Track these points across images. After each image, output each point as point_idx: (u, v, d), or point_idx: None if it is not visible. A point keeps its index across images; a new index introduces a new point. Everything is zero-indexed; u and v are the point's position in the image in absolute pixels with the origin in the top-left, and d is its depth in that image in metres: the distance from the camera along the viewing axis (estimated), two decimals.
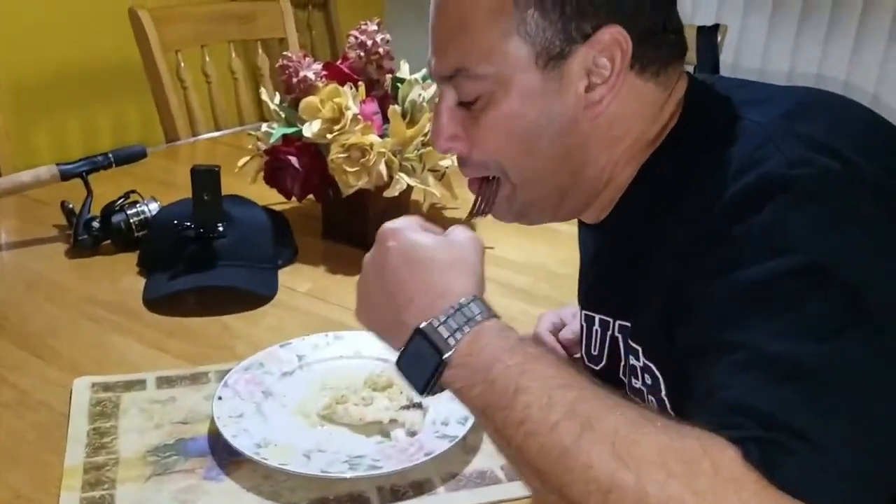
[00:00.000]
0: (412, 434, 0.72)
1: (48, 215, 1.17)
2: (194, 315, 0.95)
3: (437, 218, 1.30)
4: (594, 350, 0.71)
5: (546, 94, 0.60)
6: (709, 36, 1.97)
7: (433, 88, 1.12)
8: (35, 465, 0.69)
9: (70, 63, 2.12)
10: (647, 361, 0.62)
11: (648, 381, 0.62)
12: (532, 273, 1.12)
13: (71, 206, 1.12)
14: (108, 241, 1.11)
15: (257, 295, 0.98)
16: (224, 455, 0.69)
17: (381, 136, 1.07)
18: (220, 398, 0.74)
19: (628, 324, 0.65)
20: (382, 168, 1.04)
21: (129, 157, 1.19)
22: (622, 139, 0.63)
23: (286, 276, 1.06)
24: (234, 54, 1.88)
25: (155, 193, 1.15)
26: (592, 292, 0.73)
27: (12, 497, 0.65)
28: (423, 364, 0.53)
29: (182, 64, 1.76)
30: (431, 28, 0.63)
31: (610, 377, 0.67)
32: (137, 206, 1.11)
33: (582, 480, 0.45)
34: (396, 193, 1.05)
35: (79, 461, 0.68)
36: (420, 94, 1.10)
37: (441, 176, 1.12)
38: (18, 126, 1.47)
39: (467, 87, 0.61)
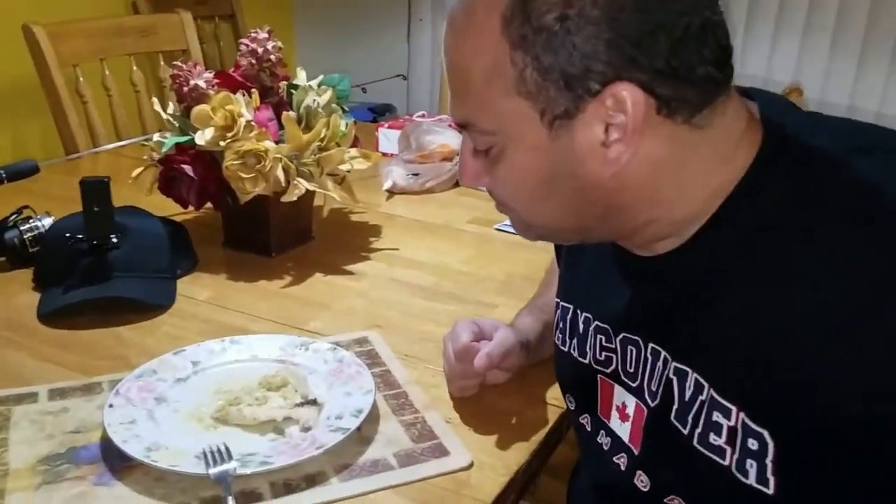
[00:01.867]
0: (307, 430, 0.73)
1: None
2: (89, 328, 0.93)
3: (342, 221, 1.32)
4: (631, 368, 0.66)
5: (556, 150, 0.57)
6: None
7: (329, 94, 1.14)
8: None
9: None
10: (753, 426, 0.55)
11: (753, 446, 0.55)
12: (435, 272, 1.14)
13: None
14: (2, 258, 1.08)
15: (152, 304, 0.97)
16: (115, 461, 0.68)
17: (278, 142, 1.08)
18: (111, 406, 0.73)
19: (691, 370, 0.59)
20: (280, 174, 1.05)
21: (20, 172, 1.16)
22: (661, 186, 0.57)
23: (185, 284, 1.05)
24: (135, 67, 1.85)
25: (51, 208, 1.12)
26: (635, 319, 0.65)
27: None
28: None
29: (81, 79, 1.72)
30: (449, 82, 0.61)
31: (660, 415, 0.62)
32: (31, 221, 1.09)
33: None
34: (295, 198, 1.06)
35: None
36: (315, 101, 1.11)
37: (341, 180, 1.14)
38: None
39: (477, 140, 0.60)
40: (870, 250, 0.51)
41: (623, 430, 0.67)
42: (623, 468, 0.67)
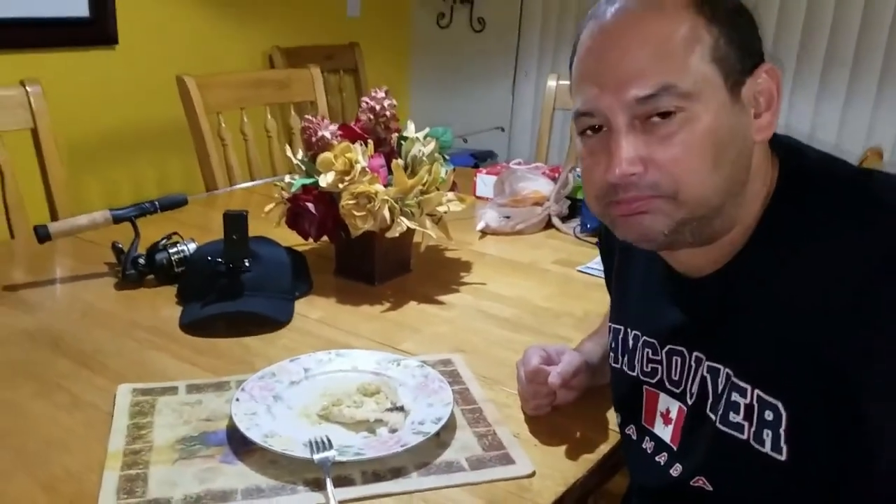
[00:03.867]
0: (394, 431, 0.84)
1: (100, 254, 1.34)
2: (222, 337, 1.08)
3: (437, 257, 1.44)
4: (675, 376, 0.76)
5: (734, 113, 0.66)
6: None
7: (433, 145, 1.27)
8: (84, 451, 0.81)
9: (122, 122, 2.34)
10: (767, 397, 0.66)
11: (768, 418, 0.66)
12: (518, 306, 1.24)
13: (120, 245, 1.27)
14: (152, 276, 1.26)
15: (275, 320, 1.11)
16: (238, 445, 0.82)
17: (387, 186, 1.21)
18: (237, 400, 0.87)
19: (722, 366, 0.70)
20: (386, 213, 1.18)
21: (172, 203, 1.35)
22: (757, 177, 0.68)
23: (301, 305, 1.20)
24: (269, 116, 2.07)
25: (194, 235, 1.30)
26: (683, 332, 0.75)
27: (65, 475, 0.78)
28: None
29: (223, 124, 1.95)
30: (613, 61, 0.66)
31: (698, 410, 0.73)
32: (178, 245, 1.27)
33: None
34: (397, 234, 1.19)
35: (119, 448, 0.81)
36: (420, 150, 1.25)
37: (438, 220, 1.26)
38: (74, 178, 1.65)
39: (668, 103, 0.64)
40: (872, 249, 0.62)
41: (666, 432, 0.76)
42: (663, 464, 0.75)
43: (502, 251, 1.50)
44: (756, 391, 0.67)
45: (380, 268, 1.29)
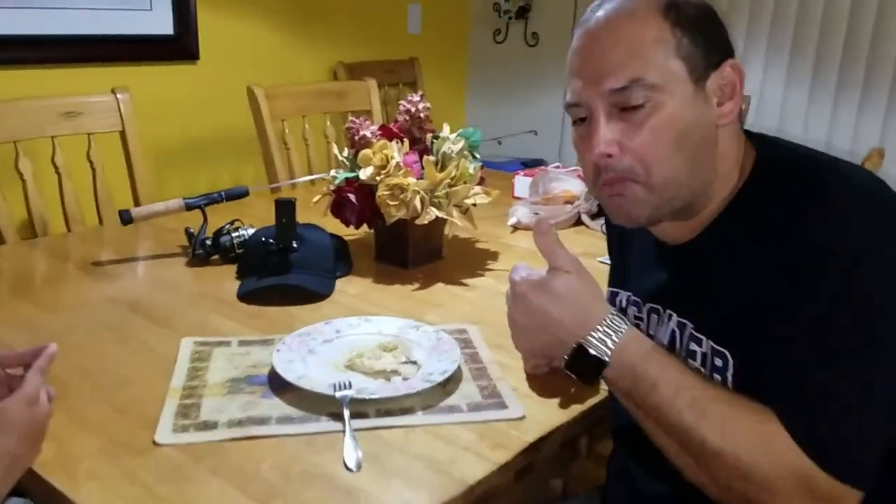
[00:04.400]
0: (406, 380, 0.97)
1: (174, 238, 1.53)
2: (271, 306, 1.24)
3: (468, 248, 1.57)
4: (652, 331, 0.88)
5: (697, 103, 0.76)
6: None
7: (461, 143, 1.41)
8: (150, 386, 0.97)
9: (200, 128, 2.57)
10: (718, 347, 0.78)
11: (718, 364, 0.78)
12: None
13: (191, 230, 1.46)
14: (216, 256, 1.44)
15: (317, 293, 1.27)
16: (276, 385, 0.96)
17: (419, 179, 1.36)
18: (278, 350, 1.02)
19: (687, 321, 0.82)
20: (417, 203, 1.32)
21: (236, 194, 1.53)
22: (728, 159, 0.79)
23: (342, 283, 1.34)
24: (328, 123, 2.25)
25: (254, 222, 1.47)
26: (660, 297, 0.87)
27: (135, 402, 0.94)
28: (588, 366, 0.81)
29: (287, 131, 2.14)
30: (591, 60, 0.77)
31: None
32: (239, 230, 1.44)
33: (697, 448, 0.73)
34: (426, 222, 1.33)
35: (180, 384, 0.97)
36: (450, 148, 1.38)
37: (465, 211, 1.39)
38: (156, 175, 1.86)
39: (638, 94, 0.74)
40: (812, 241, 0.72)
41: None
42: None
43: (530, 244, 1.60)
44: (710, 342, 0.79)
45: (413, 254, 1.42)
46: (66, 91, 1.78)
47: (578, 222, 1.74)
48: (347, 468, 0.81)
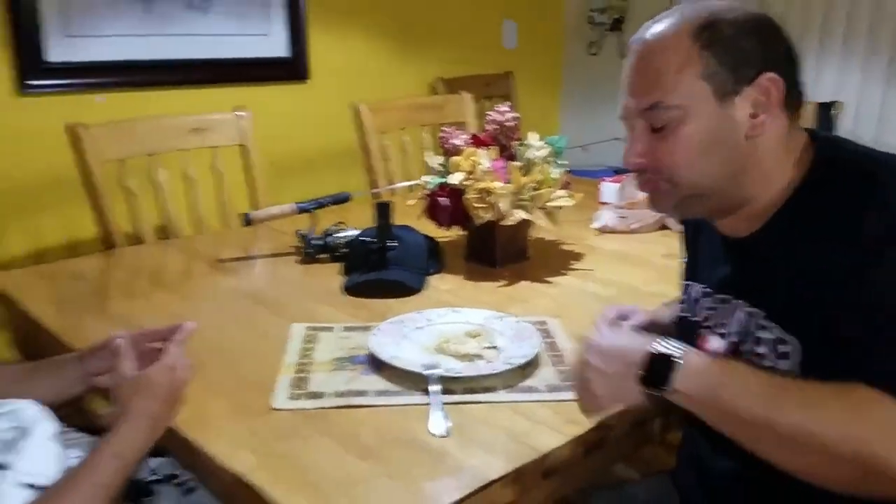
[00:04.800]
0: (489, 363, 1.06)
1: (287, 240, 1.69)
2: (370, 298, 1.37)
3: (554, 249, 1.64)
4: (722, 319, 0.91)
5: (720, 119, 0.82)
6: (826, 110, 2.19)
7: (546, 150, 1.49)
8: (267, 363, 1.11)
9: (311, 142, 2.77)
10: (787, 335, 0.82)
11: (784, 350, 0.82)
12: (618, 287, 1.41)
13: (302, 231, 1.62)
14: (324, 254, 1.59)
15: (410, 287, 1.38)
16: (375, 364, 1.08)
17: (506, 183, 1.45)
18: (374, 335, 1.14)
19: (758, 309, 0.85)
20: (502, 205, 1.42)
21: (340, 199, 1.68)
22: (772, 163, 0.84)
23: (434, 280, 1.45)
24: (425, 134, 2.38)
25: (356, 224, 1.61)
26: (728, 287, 0.92)
27: (255, 375, 1.07)
28: (662, 367, 0.80)
29: (387, 143, 2.28)
30: (630, 81, 0.86)
31: (735, 347, 0.89)
32: (343, 231, 1.58)
33: (776, 450, 0.75)
34: (511, 223, 1.42)
35: (292, 361, 1.11)
36: (535, 154, 1.47)
37: (549, 212, 1.47)
38: (272, 184, 2.04)
39: (661, 116, 0.83)
40: (867, 235, 0.76)
41: None
42: None
43: (615, 246, 1.67)
44: (778, 328, 0.84)
45: (500, 253, 1.52)
46: (195, 110, 2.00)
47: (663, 226, 1.78)
48: (435, 435, 0.91)
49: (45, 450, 0.90)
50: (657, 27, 0.86)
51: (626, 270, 1.51)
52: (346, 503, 0.80)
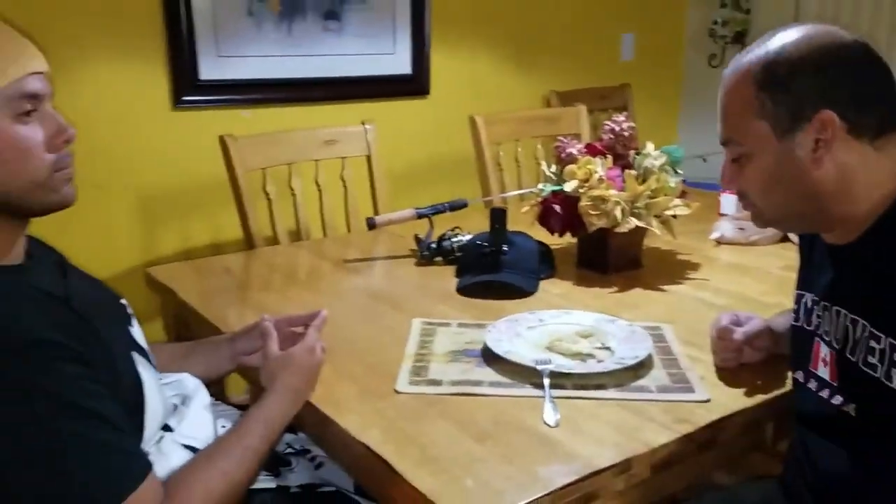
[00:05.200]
0: (600, 362, 1.09)
1: (405, 243, 1.78)
2: (483, 299, 1.43)
3: (669, 258, 1.64)
4: (828, 327, 0.92)
5: (782, 155, 0.87)
6: None
7: (662, 159, 1.50)
8: (391, 352, 1.18)
9: (431, 153, 2.88)
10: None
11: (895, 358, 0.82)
12: (733, 297, 1.40)
13: (419, 236, 1.71)
14: (440, 257, 1.66)
15: (523, 289, 1.43)
16: (488, 358, 1.14)
17: (621, 192, 1.47)
18: (489, 331, 1.19)
19: (859, 318, 0.86)
20: (617, 212, 1.44)
21: (457, 206, 1.75)
22: (852, 185, 0.86)
23: (545, 284, 1.50)
24: (539, 146, 2.43)
25: (470, 229, 1.68)
26: (833, 295, 0.93)
27: (380, 363, 1.16)
28: None
29: (501, 153, 2.35)
30: (718, 113, 0.94)
31: (842, 353, 0.89)
32: (458, 236, 1.65)
33: None
34: (625, 230, 1.44)
35: (412, 352, 1.18)
36: (652, 163, 1.48)
37: (664, 221, 1.48)
38: (393, 192, 2.16)
39: (733, 150, 0.92)
40: None
41: (825, 372, 0.92)
42: (826, 397, 0.91)
43: (732, 257, 1.65)
44: (889, 339, 0.83)
45: (613, 260, 1.54)
46: (327, 123, 2.14)
47: (785, 238, 1.73)
48: (548, 424, 0.95)
49: (201, 417, 1.02)
50: (731, 66, 0.91)
51: (743, 281, 1.49)
52: (468, 479, 0.86)
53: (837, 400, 0.90)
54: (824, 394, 0.92)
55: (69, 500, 0.76)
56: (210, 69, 2.28)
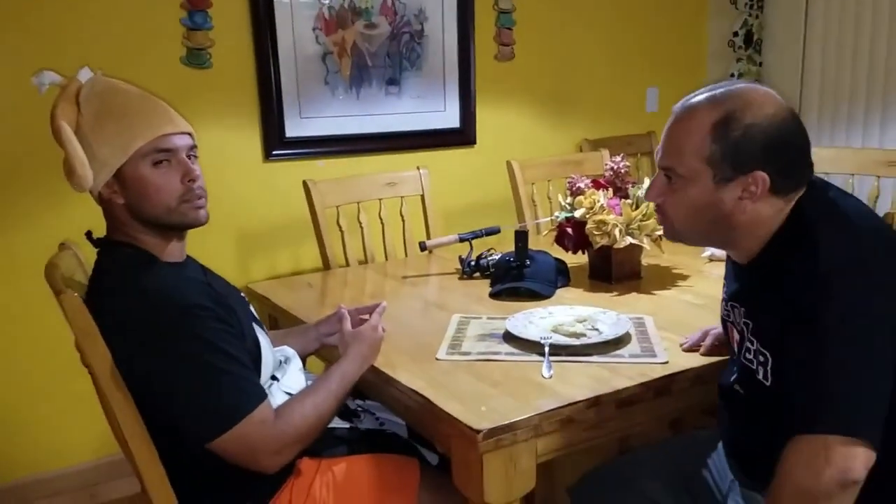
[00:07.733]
0: (589, 338, 1.41)
1: (450, 263, 2.13)
2: (510, 302, 1.75)
3: (665, 272, 1.93)
4: (738, 328, 1.12)
5: (713, 195, 1.02)
6: None
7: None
8: (435, 335, 1.52)
9: (477, 195, 3.24)
10: (762, 348, 1.02)
11: (762, 359, 1.01)
12: (713, 301, 1.67)
13: (462, 256, 2.05)
14: (477, 273, 2.00)
15: (541, 294, 1.75)
16: (507, 336, 1.46)
17: (619, 216, 1.79)
18: (509, 319, 1.52)
19: (750, 322, 1.06)
20: (616, 233, 1.75)
21: (491, 232, 2.10)
22: (755, 226, 1.03)
23: (561, 291, 1.81)
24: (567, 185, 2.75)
25: (501, 248, 2.02)
26: (736, 299, 1.14)
27: (426, 341, 1.49)
28: None
29: (535, 192, 2.68)
30: (663, 139, 1.06)
31: (741, 345, 1.10)
32: (491, 255, 1.99)
33: None
34: (622, 247, 1.75)
35: (451, 334, 1.52)
36: (643, 193, 1.80)
37: (654, 239, 1.78)
38: (444, 227, 2.52)
39: (671, 175, 1.05)
40: (818, 276, 0.94)
41: (733, 352, 1.18)
42: (730, 374, 1.18)
43: (720, 271, 1.91)
44: (757, 342, 1.06)
45: (615, 272, 1.84)
46: (389, 169, 2.53)
47: None
48: (544, 376, 1.27)
49: (296, 375, 1.38)
50: (691, 103, 1.04)
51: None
52: (482, 408, 1.18)
53: (734, 378, 1.14)
54: (731, 371, 1.17)
55: (217, 408, 1.12)
56: (294, 128, 2.72)
